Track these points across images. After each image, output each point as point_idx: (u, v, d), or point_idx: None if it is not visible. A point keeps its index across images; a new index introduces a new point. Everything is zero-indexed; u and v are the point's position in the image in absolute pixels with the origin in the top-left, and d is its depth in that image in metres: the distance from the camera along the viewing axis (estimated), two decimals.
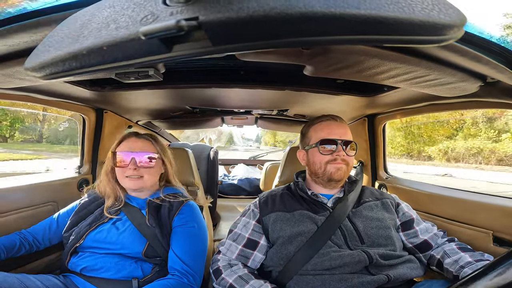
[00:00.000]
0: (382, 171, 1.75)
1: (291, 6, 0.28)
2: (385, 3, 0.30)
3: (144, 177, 1.08)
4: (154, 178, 1.13)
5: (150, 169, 1.09)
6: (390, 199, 1.11)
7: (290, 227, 0.98)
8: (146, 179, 1.09)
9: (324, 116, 1.13)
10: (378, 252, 0.91)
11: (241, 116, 2.28)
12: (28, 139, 18.79)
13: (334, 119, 1.11)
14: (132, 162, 1.06)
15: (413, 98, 1.22)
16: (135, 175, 1.07)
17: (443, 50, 0.61)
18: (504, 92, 0.82)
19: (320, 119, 1.12)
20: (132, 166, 1.06)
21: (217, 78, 1.14)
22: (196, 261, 1.02)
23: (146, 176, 1.08)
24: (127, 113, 1.85)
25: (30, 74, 0.42)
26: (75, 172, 1.65)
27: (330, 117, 1.11)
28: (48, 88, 1.15)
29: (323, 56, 0.72)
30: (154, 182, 1.14)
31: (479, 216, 1.12)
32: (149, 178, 1.10)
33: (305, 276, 0.90)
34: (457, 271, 0.88)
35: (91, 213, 1.11)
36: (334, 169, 1.04)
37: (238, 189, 3.17)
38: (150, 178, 1.10)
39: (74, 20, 0.41)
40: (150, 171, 1.10)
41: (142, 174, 1.08)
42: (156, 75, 0.82)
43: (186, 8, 0.30)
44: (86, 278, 0.98)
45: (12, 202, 1.23)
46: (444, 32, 0.33)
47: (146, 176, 1.09)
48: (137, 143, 1.11)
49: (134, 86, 1.17)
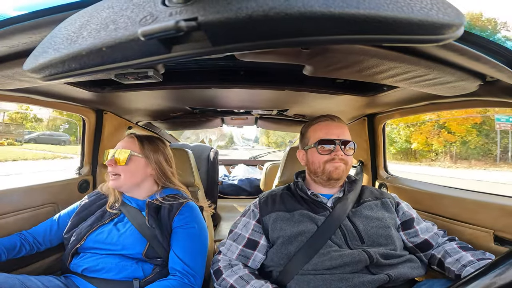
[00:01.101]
0: (382, 171, 1.75)
1: (290, 6, 0.28)
2: (384, 2, 0.30)
3: (121, 175, 1.08)
4: (133, 178, 1.10)
5: (125, 167, 1.07)
6: (390, 199, 1.11)
7: (290, 227, 0.99)
8: (122, 177, 1.08)
9: (322, 116, 1.13)
10: (378, 251, 0.91)
11: (241, 116, 2.28)
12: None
13: (332, 119, 1.11)
14: (111, 159, 1.07)
15: (413, 97, 1.22)
16: (113, 173, 1.08)
17: (442, 50, 0.61)
18: (503, 91, 0.82)
19: (318, 120, 1.13)
20: (109, 162, 1.07)
21: (216, 79, 1.14)
22: (197, 262, 1.02)
23: (122, 175, 1.08)
24: (127, 114, 1.85)
25: (30, 75, 0.42)
26: (75, 173, 1.65)
27: (328, 117, 1.12)
28: (48, 89, 1.15)
29: (323, 56, 0.72)
30: (134, 183, 1.11)
31: (479, 215, 1.12)
32: (125, 177, 1.08)
33: (305, 276, 0.90)
34: (459, 270, 0.88)
35: (92, 214, 1.11)
36: (332, 168, 1.04)
37: (239, 189, 3.17)
38: (126, 177, 1.08)
39: (73, 21, 0.41)
40: (125, 169, 1.08)
41: (119, 172, 1.07)
42: (155, 76, 0.82)
43: (185, 8, 0.30)
44: (88, 279, 0.98)
45: (12, 204, 1.23)
46: (443, 32, 0.33)
47: (123, 175, 1.08)
48: (123, 142, 1.12)
49: (133, 87, 1.17)
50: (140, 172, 1.11)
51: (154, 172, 1.14)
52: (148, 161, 1.12)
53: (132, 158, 1.09)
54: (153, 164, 1.13)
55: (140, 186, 1.14)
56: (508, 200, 1.06)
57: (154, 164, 1.13)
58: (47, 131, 21.17)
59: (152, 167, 1.13)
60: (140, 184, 1.13)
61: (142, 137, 1.16)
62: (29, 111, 19.85)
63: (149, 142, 1.15)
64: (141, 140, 1.14)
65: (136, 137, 1.14)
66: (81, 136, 1.67)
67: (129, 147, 1.10)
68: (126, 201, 1.13)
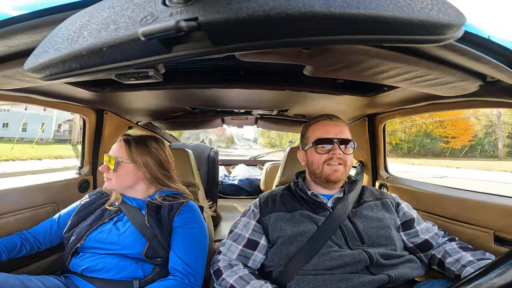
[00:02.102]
0: (383, 171, 1.75)
1: (291, 6, 0.28)
2: (384, 2, 0.30)
3: (112, 179, 1.10)
4: (123, 181, 1.11)
5: (115, 173, 1.10)
6: (390, 199, 1.11)
7: (291, 227, 0.98)
8: (113, 181, 1.10)
9: (320, 116, 1.14)
10: (378, 252, 0.91)
11: (241, 116, 2.28)
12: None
13: (330, 118, 1.11)
14: (105, 165, 1.10)
15: (413, 97, 1.22)
16: (106, 177, 1.11)
17: (443, 50, 0.61)
18: (504, 91, 0.81)
19: (317, 119, 1.13)
20: (103, 169, 1.10)
21: (217, 79, 1.14)
22: (197, 262, 1.02)
23: (113, 179, 1.10)
24: (127, 114, 1.85)
25: (30, 75, 0.42)
26: (75, 173, 1.65)
27: (326, 116, 1.12)
28: (48, 89, 1.15)
29: (323, 56, 0.72)
30: (125, 185, 1.12)
31: (480, 216, 1.12)
32: (116, 181, 1.10)
33: (305, 276, 0.90)
34: (459, 270, 0.88)
35: (91, 213, 1.12)
36: (330, 171, 1.04)
37: (239, 189, 3.17)
38: (117, 181, 1.10)
39: (73, 21, 0.41)
40: (116, 175, 1.10)
41: (110, 177, 1.10)
42: (156, 76, 0.82)
43: (186, 8, 0.30)
44: (87, 279, 0.98)
45: (12, 203, 1.23)
46: (443, 32, 0.33)
47: (114, 179, 1.10)
48: (113, 147, 1.14)
49: (134, 87, 1.17)
50: (130, 176, 1.11)
51: (144, 175, 1.13)
52: (136, 165, 1.11)
53: (120, 164, 1.09)
54: (142, 168, 1.11)
55: (134, 188, 1.14)
56: (508, 201, 1.06)
57: (143, 168, 1.11)
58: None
59: (141, 171, 1.12)
60: (133, 186, 1.13)
61: (129, 141, 1.13)
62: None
63: (137, 145, 1.12)
64: (128, 145, 1.12)
65: (124, 141, 1.13)
66: (81, 136, 1.67)
67: (117, 153, 1.11)
68: (127, 200, 1.13)
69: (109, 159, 1.10)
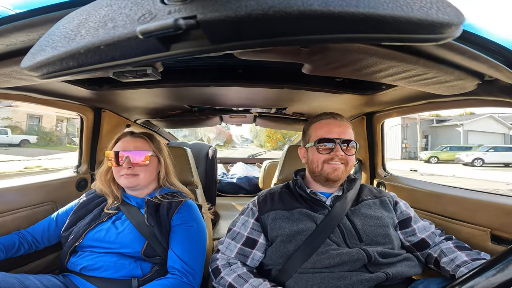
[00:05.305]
0: (381, 169, 1.75)
1: (290, 5, 0.28)
2: (383, 1, 0.30)
3: (140, 175, 1.09)
4: (150, 176, 1.12)
5: (144, 167, 1.09)
6: (389, 197, 1.11)
7: (289, 225, 0.99)
8: (141, 177, 1.09)
9: (324, 114, 1.11)
10: (376, 250, 0.91)
11: (239, 114, 2.27)
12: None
13: (334, 118, 1.09)
14: (127, 161, 1.06)
15: (411, 96, 1.22)
16: (130, 173, 1.07)
17: (441, 49, 0.61)
18: (502, 90, 0.82)
19: (320, 117, 1.11)
20: (127, 165, 1.06)
21: (215, 77, 1.14)
22: (196, 260, 1.02)
23: (141, 174, 1.09)
24: (125, 112, 1.84)
25: (27, 74, 0.42)
26: (73, 172, 1.64)
27: (330, 115, 1.10)
28: (46, 87, 1.14)
29: (322, 55, 0.72)
30: (150, 181, 1.13)
31: (477, 214, 1.12)
32: (145, 176, 1.10)
33: (304, 274, 0.90)
34: (453, 270, 0.88)
35: (90, 212, 1.11)
36: (330, 170, 1.03)
37: (237, 187, 3.17)
38: (145, 176, 1.10)
39: (71, 19, 0.41)
40: (145, 169, 1.10)
41: (137, 172, 1.08)
42: (154, 74, 0.82)
43: (184, 6, 0.30)
44: (86, 278, 0.98)
45: (10, 202, 1.23)
46: (442, 31, 0.33)
47: (142, 174, 1.09)
48: (132, 142, 1.11)
49: (132, 85, 1.16)
50: (154, 170, 1.15)
51: (161, 170, 1.17)
52: (159, 160, 1.16)
53: (151, 158, 1.11)
54: (162, 163, 1.16)
55: (151, 183, 1.16)
56: (506, 199, 1.07)
57: (163, 163, 1.16)
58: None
59: (162, 166, 1.17)
60: (152, 182, 1.16)
61: (148, 135, 1.17)
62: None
63: (154, 140, 1.17)
64: (151, 140, 1.15)
65: (147, 136, 1.16)
66: (79, 134, 1.66)
67: (144, 147, 1.12)
68: (126, 199, 1.13)
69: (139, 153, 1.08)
